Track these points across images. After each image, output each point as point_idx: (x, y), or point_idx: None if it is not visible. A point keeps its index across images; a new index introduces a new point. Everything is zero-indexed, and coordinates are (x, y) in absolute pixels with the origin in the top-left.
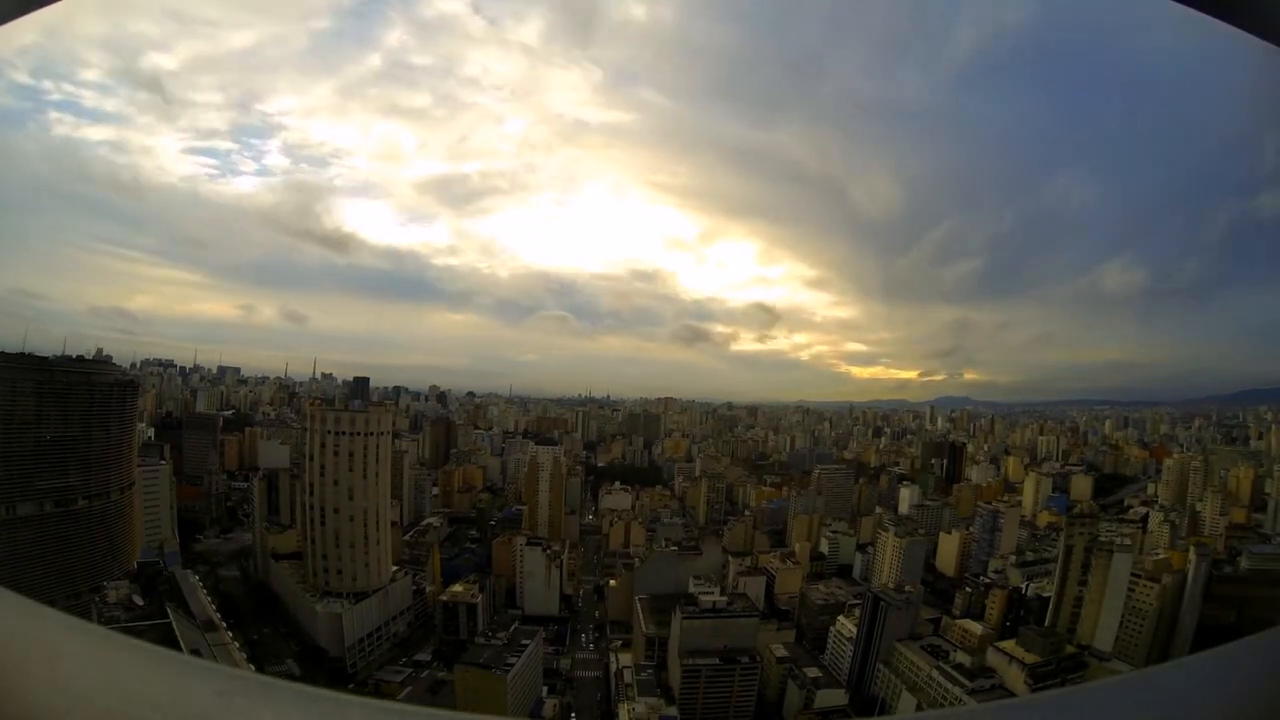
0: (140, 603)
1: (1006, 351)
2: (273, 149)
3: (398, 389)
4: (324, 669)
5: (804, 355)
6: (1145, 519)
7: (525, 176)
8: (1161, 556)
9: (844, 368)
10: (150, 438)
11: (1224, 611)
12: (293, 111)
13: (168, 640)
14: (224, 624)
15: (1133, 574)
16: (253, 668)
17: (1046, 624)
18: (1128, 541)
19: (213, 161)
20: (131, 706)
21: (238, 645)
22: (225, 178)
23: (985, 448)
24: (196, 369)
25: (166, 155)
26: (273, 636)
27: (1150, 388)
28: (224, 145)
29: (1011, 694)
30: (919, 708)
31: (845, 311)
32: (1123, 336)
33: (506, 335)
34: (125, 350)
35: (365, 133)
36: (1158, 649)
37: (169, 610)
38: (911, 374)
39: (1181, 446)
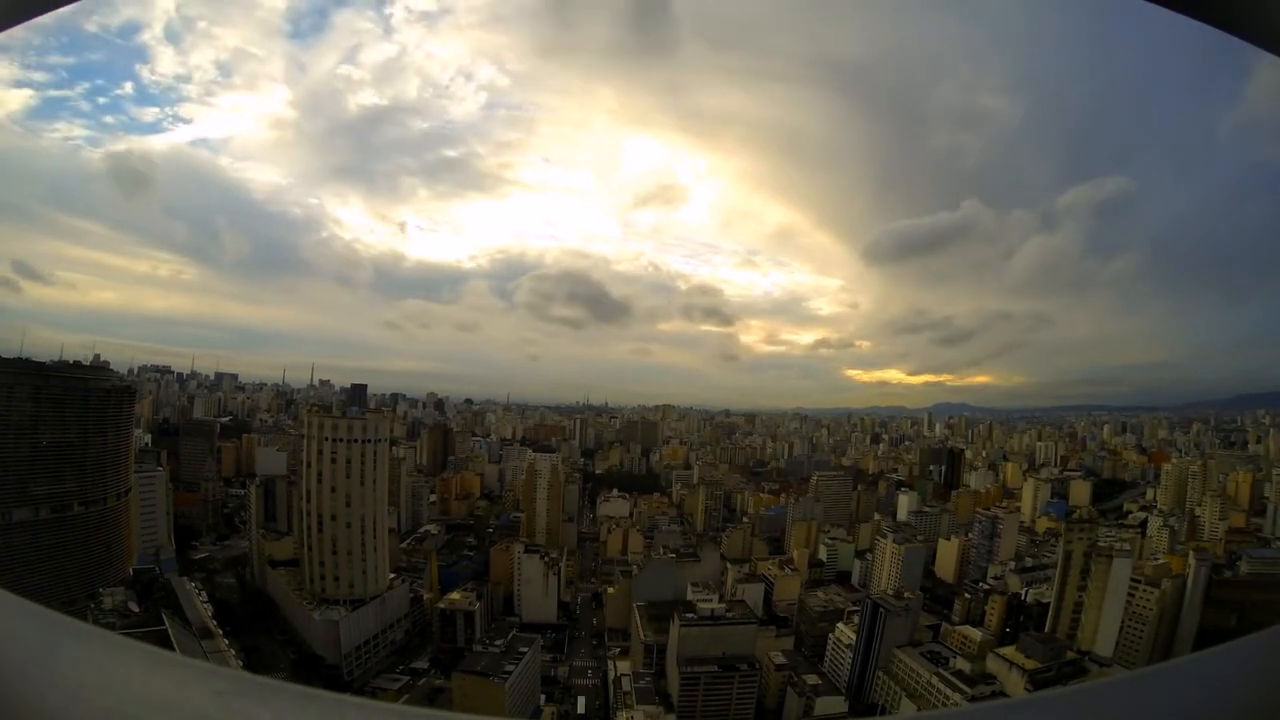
0: (136, 609)
1: (1016, 355)
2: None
3: (395, 396)
4: (320, 676)
5: (804, 356)
6: (1144, 524)
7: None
8: (1161, 561)
9: (846, 371)
10: (147, 444)
11: (1224, 616)
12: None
13: (164, 647)
14: (220, 631)
15: (1132, 579)
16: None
17: (1046, 630)
18: (1127, 547)
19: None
20: (130, 707)
21: (234, 652)
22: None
23: (984, 454)
24: (194, 375)
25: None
26: (269, 644)
27: (1148, 392)
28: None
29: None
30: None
31: (852, 302)
32: (1122, 340)
33: (497, 337)
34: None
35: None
36: (1158, 654)
37: (165, 617)
38: (903, 374)
39: (1180, 451)
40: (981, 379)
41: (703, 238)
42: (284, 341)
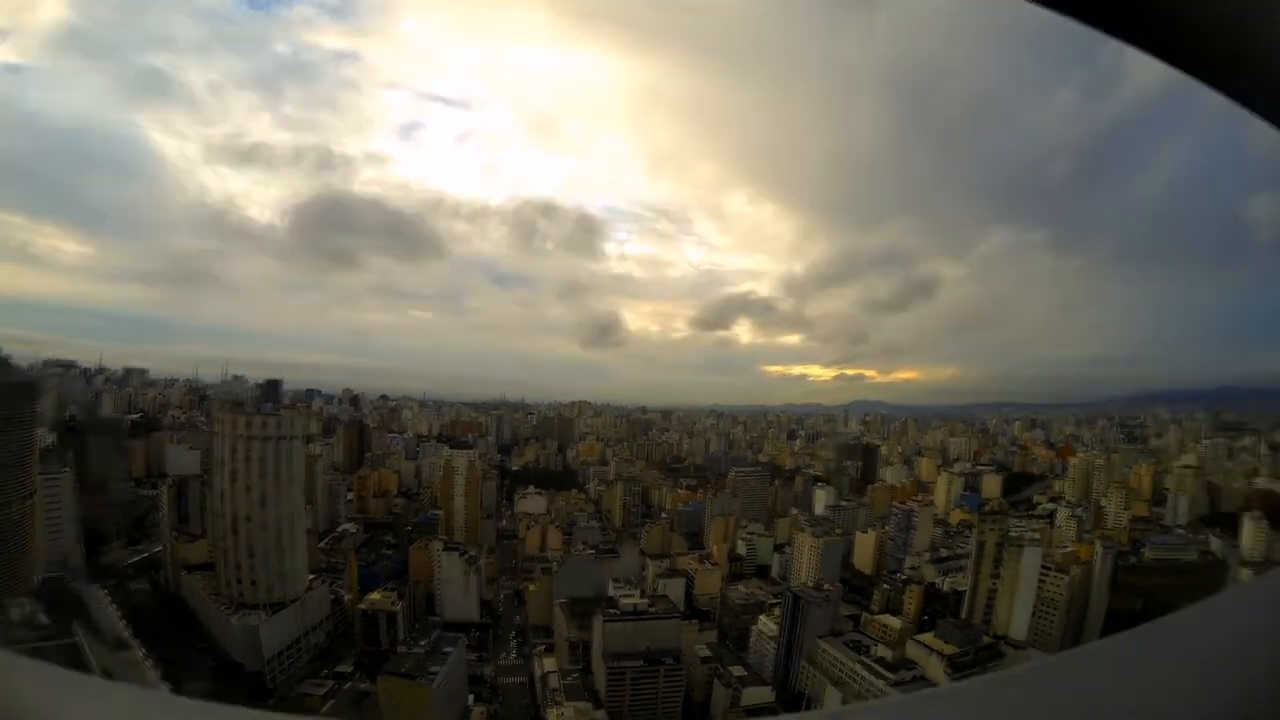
0: (45, 621)
1: (945, 349)
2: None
3: (310, 391)
4: (241, 684)
5: (723, 348)
6: (1053, 515)
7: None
8: (1069, 550)
9: (764, 367)
10: (51, 444)
11: (1130, 600)
12: None
13: (76, 661)
14: (135, 641)
15: (1043, 566)
16: (167, 685)
17: (963, 616)
18: (1037, 536)
19: None
20: None
21: (150, 663)
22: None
23: (899, 449)
24: (101, 370)
25: None
26: (187, 652)
27: (1056, 391)
28: None
29: (933, 684)
30: (844, 702)
31: (780, 279)
32: (1031, 340)
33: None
34: None
35: None
36: (1069, 637)
37: (76, 628)
38: (821, 369)
39: (1086, 446)
40: (907, 374)
41: (614, 195)
42: (193, 333)
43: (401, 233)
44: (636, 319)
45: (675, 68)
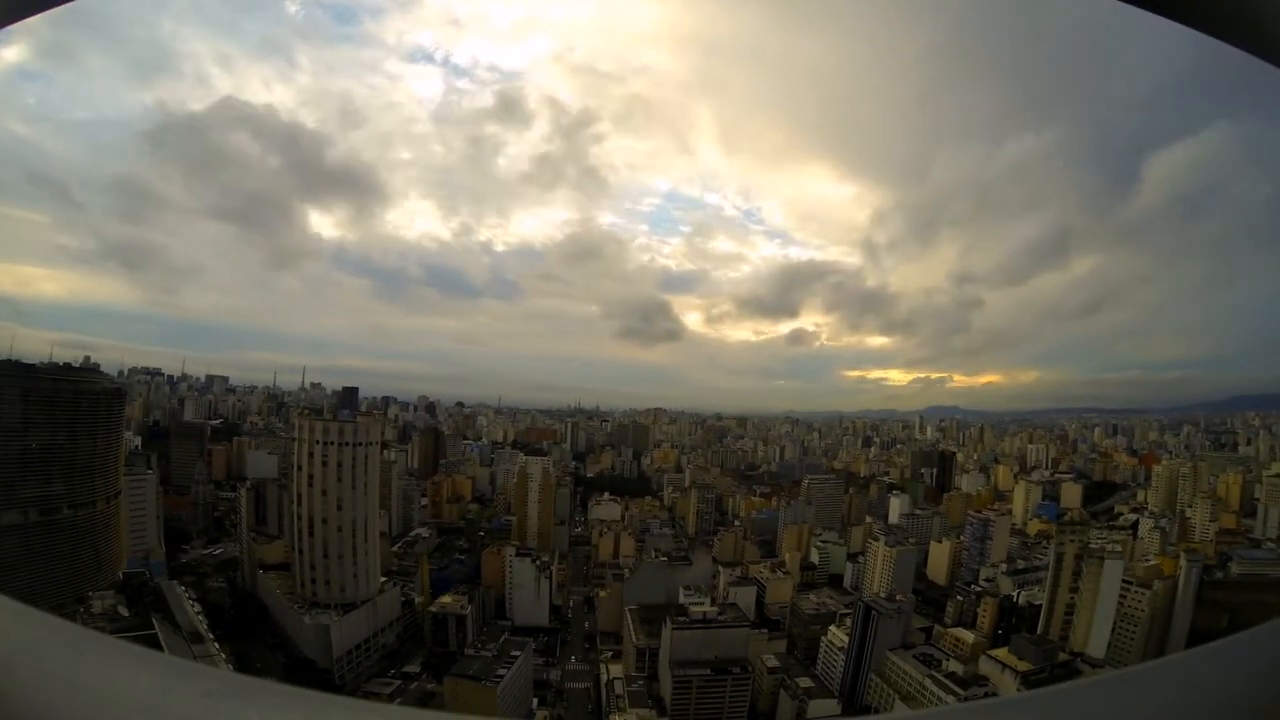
0: (125, 614)
1: (1026, 351)
2: None
3: (386, 399)
4: (312, 681)
5: (798, 350)
6: (1135, 526)
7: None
8: (1152, 563)
9: (841, 371)
10: (137, 447)
11: (1216, 617)
12: None
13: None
14: (210, 635)
15: (1124, 581)
16: None
17: (1038, 631)
18: (1118, 548)
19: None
20: (117, 707)
21: (224, 657)
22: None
23: (975, 457)
24: (184, 378)
25: None
26: (260, 648)
27: (1139, 395)
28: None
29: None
30: None
31: (858, 269)
32: (1115, 343)
33: (491, 333)
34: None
35: None
36: (1150, 655)
37: (154, 621)
38: (905, 375)
39: (1170, 453)
40: (990, 377)
41: (675, 174)
42: (273, 341)
43: (447, 217)
44: (707, 320)
45: (738, 15)
